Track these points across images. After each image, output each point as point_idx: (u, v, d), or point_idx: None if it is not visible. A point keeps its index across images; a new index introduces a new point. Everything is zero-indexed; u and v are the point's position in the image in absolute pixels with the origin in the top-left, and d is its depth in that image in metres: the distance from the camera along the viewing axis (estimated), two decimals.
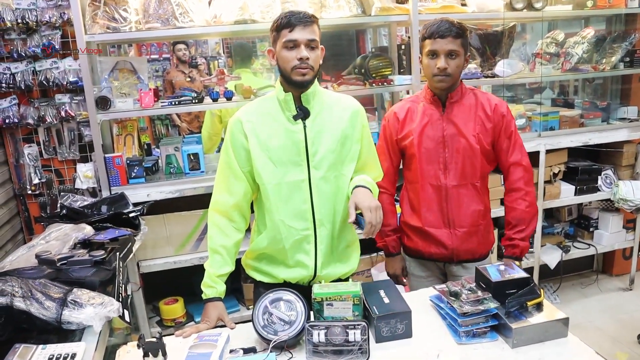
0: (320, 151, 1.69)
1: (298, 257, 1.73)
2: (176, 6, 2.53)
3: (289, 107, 1.67)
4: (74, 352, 1.36)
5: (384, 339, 1.46)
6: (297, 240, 1.71)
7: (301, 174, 1.68)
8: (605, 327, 3.15)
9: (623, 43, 3.32)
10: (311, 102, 1.69)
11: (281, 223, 1.70)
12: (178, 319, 2.75)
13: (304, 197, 1.69)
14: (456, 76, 1.90)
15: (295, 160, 1.68)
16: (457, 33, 1.85)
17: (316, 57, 1.64)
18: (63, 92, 2.77)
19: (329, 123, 1.71)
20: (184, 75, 4.70)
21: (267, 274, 1.80)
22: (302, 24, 1.59)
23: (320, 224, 1.71)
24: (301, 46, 1.60)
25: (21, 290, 1.47)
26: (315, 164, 1.69)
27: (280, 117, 1.69)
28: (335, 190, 1.72)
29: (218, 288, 1.73)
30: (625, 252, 3.72)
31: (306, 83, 1.63)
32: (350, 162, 1.75)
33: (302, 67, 1.60)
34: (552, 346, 1.42)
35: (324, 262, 1.74)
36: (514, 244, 1.98)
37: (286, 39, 1.60)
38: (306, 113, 1.68)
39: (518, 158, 1.98)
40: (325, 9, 2.73)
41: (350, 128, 1.73)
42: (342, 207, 1.75)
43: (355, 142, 1.74)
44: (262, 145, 1.68)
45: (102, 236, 1.93)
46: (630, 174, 3.43)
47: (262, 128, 1.69)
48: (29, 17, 2.61)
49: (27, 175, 2.82)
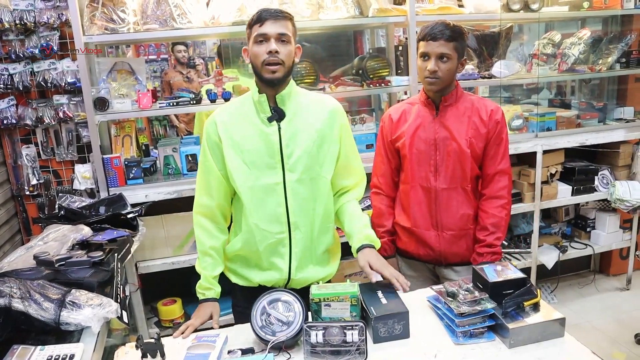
0: (295, 153, 1.66)
1: (272, 260, 1.72)
2: (174, 7, 2.53)
3: (264, 109, 1.65)
4: (72, 353, 1.37)
5: (382, 340, 1.47)
6: (271, 243, 1.69)
7: (275, 177, 1.66)
8: (602, 327, 3.16)
9: (619, 44, 3.34)
10: (287, 103, 1.66)
11: (255, 226, 1.68)
12: (176, 319, 2.75)
13: (278, 200, 1.67)
14: (447, 79, 1.88)
15: (270, 163, 1.66)
16: (450, 36, 1.83)
17: (288, 52, 1.60)
18: (61, 93, 2.77)
19: (305, 124, 1.68)
20: (182, 75, 4.70)
21: (242, 277, 1.79)
22: (273, 18, 1.57)
23: (295, 227, 1.69)
24: (271, 40, 1.57)
25: (19, 291, 1.47)
26: (290, 167, 1.66)
27: (254, 118, 1.67)
28: (312, 193, 1.70)
29: (215, 289, 1.77)
30: (622, 252, 3.73)
31: (276, 81, 1.60)
32: (330, 164, 1.72)
33: (271, 62, 1.57)
34: (549, 346, 1.42)
35: (299, 265, 1.73)
36: (495, 251, 1.96)
37: (257, 33, 1.58)
38: (281, 114, 1.65)
39: (506, 166, 1.97)
40: (323, 10, 2.74)
41: (328, 128, 1.70)
42: (322, 210, 1.73)
43: (334, 143, 1.72)
44: (235, 147, 1.66)
45: (101, 237, 1.93)
46: (627, 174, 3.45)
47: (237, 130, 1.67)
48: (27, 18, 2.61)
49: (25, 176, 2.82)
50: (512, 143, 3.07)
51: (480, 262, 1.95)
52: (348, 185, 1.81)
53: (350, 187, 1.82)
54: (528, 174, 3.16)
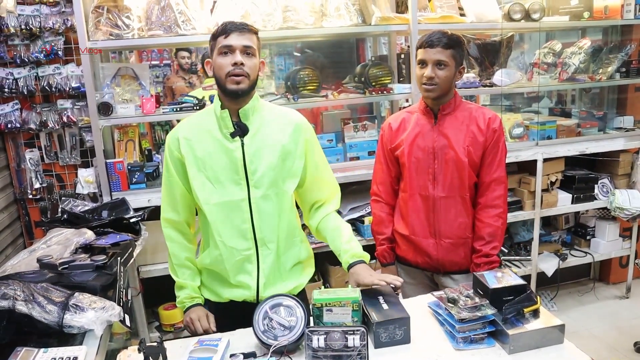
0: (259, 169, 1.63)
1: (239, 278, 1.70)
2: (178, 14, 2.56)
3: (226, 124, 1.62)
4: (75, 356, 1.37)
5: (383, 345, 1.48)
6: (238, 260, 1.67)
7: (240, 193, 1.63)
8: (602, 335, 3.17)
9: (619, 53, 3.37)
10: (250, 117, 1.63)
11: (221, 244, 1.66)
12: (177, 324, 2.76)
13: (243, 216, 1.64)
14: (444, 87, 1.89)
15: (234, 179, 1.63)
16: (447, 44, 1.84)
17: (253, 65, 1.59)
18: (65, 97, 2.79)
19: (269, 139, 1.65)
20: (184, 81, 4.73)
21: (213, 292, 1.78)
22: (239, 30, 1.56)
23: (262, 243, 1.67)
24: (236, 51, 1.55)
25: (23, 293, 1.47)
26: (255, 183, 1.63)
27: (217, 133, 1.63)
28: (277, 208, 1.67)
29: (202, 296, 1.79)
30: (622, 260, 3.73)
31: (241, 92, 1.57)
32: (292, 178, 1.69)
33: (236, 74, 1.55)
34: (549, 352, 1.43)
35: (267, 282, 1.70)
36: (492, 260, 1.96)
37: (221, 45, 1.57)
38: (244, 130, 1.62)
39: (501, 175, 1.97)
40: (326, 17, 2.77)
41: (292, 143, 1.67)
42: (285, 225, 1.70)
43: (298, 158, 1.69)
44: (199, 164, 1.64)
45: (104, 241, 1.94)
46: (627, 182, 3.46)
47: (199, 145, 1.64)
48: (32, 24, 2.63)
49: (28, 179, 2.83)
50: (513, 151, 3.09)
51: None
52: (321, 198, 1.79)
53: (324, 199, 1.79)
54: (528, 182, 3.18)
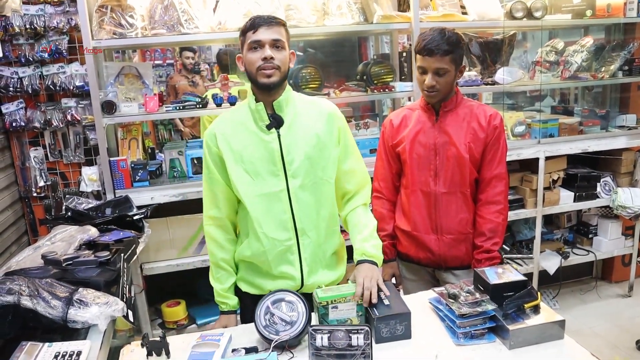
0: (296, 159, 1.65)
1: (282, 269, 1.71)
2: (182, 13, 2.57)
3: (262, 117, 1.64)
4: (80, 350, 1.38)
5: (384, 340, 1.49)
6: (280, 251, 1.69)
7: (279, 184, 1.65)
8: (604, 334, 3.17)
9: (622, 52, 3.36)
10: (284, 109, 1.65)
11: (263, 235, 1.67)
12: (180, 321, 2.78)
13: (283, 207, 1.66)
14: (446, 91, 1.90)
15: (272, 171, 1.65)
16: (446, 50, 1.82)
17: (283, 58, 1.60)
18: (69, 96, 2.81)
19: (304, 129, 1.67)
20: (187, 80, 4.74)
21: (254, 285, 1.78)
22: (266, 24, 1.57)
23: (303, 233, 1.69)
24: (265, 46, 1.57)
25: (28, 289, 1.49)
26: (293, 173, 1.65)
27: (253, 126, 1.66)
28: (316, 198, 1.69)
29: (230, 302, 1.78)
30: (624, 259, 3.73)
31: (272, 85, 1.59)
32: (332, 167, 1.71)
33: (266, 68, 1.57)
34: (549, 348, 1.44)
35: (310, 270, 1.72)
36: (493, 256, 1.96)
37: (251, 40, 1.58)
38: (279, 121, 1.65)
39: (502, 171, 1.98)
40: (328, 16, 2.78)
41: (327, 132, 1.69)
42: (327, 213, 1.72)
43: (333, 147, 1.71)
44: (236, 157, 1.66)
45: (107, 237, 1.96)
46: (629, 181, 3.46)
47: (236, 139, 1.66)
48: (37, 23, 2.66)
49: (32, 178, 2.85)
50: (515, 149, 3.09)
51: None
52: (351, 189, 1.79)
53: (353, 192, 1.80)
54: (530, 180, 3.18)
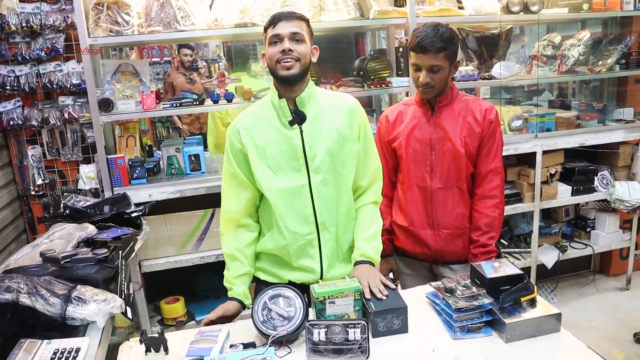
0: (318, 155, 1.67)
1: (302, 262, 1.73)
2: (178, 10, 2.57)
3: (284, 113, 1.66)
4: (78, 347, 1.40)
5: (380, 334, 1.49)
6: (301, 245, 1.71)
7: (301, 179, 1.67)
8: (602, 327, 3.18)
9: (619, 45, 3.35)
10: (307, 105, 1.67)
11: (285, 229, 1.69)
12: (179, 318, 2.78)
13: (305, 202, 1.68)
14: (441, 87, 1.91)
15: (294, 166, 1.67)
16: (440, 47, 1.82)
17: (304, 50, 1.61)
18: (66, 94, 2.81)
19: (326, 125, 1.69)
20: (185, 77, 4.74)
21: (273, 275, 1.79)
22: (286, 19, 1.60)
23: (323, 227, 1.71)
24: (284, 39, 1.59)
25: (26, 287, 1.50)
26: (315, 169, 1.67)
27: (276, 122, 1.68)
28: (336, 193, 1.71)
29: (234, 289, 1.73)
30: (622, 252, 3.74)
31: (292, 78, 1.61)
32: (351, 163, 1.73)
33: (285, 60, 1.58)
34: (545, 341, 1.44)
35: (329, 264, 1.74)
36: (489, 250, 1.97)
37: (271, 35, 1.61)
38: (302, 117, 1.67)
39: (498, 166, 1.98)
40: (324, 12, 2.77)
41: (348, 128, 1.71)
42: (345, 209, 1.74)
43: (354, 142, 1.73)
44: (259, 152, 1.68)
45: (105, 235, 1.97)
46: (627, 174, 3.46)
47: (259, 134, 1.68)
48: (33, 21, 2.65)
49: (30, 176, 2.86)
50: (512, 143, 3.10)
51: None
52: (363, 185, 1.80)
53: (365, 187, 1.81)
54: (528, 174, 3.18)
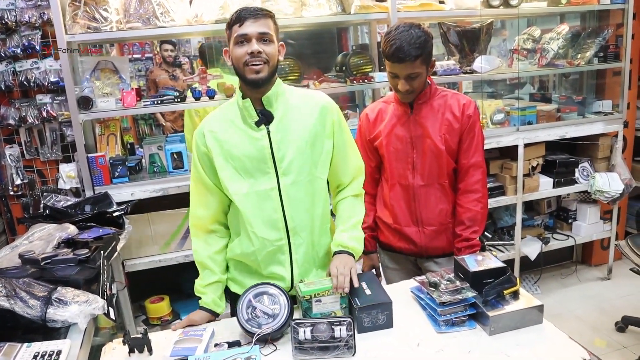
0: (287, 156, 1.60)
1: (272, 269, 1.66)
2: (157, 6, 2.53)
3: (250, 113, 1.59)
4: (60, 349, 1.37)
5: (366, 330, 1.50)
6: (270, 251, 1.64)
7: (269, 182, 1.60)
8: (584, 316, 3.23)
9: (597, 38, 3.40)
10: (274, 104, 1.60)
11: (253, 235, 1.62)
12: (164, 317, 2.76)
13: (274, 206, 1.61)
14: (419, 90, 1.90)
15: (262, 169, 1.60)
16: (416, 55, 1.79)
17: (271, 51, 1.54)
18: (44, 92, 2.76)
19: (296, 124, 1.61)
20: (168, 74, 4.69)
21: (242, 285, 1.71)
22: (253, 17, 1.51)
23: (294, 232, 1.64)
24: (252, 40, 1.51)
25: (5, 289, 1.47)
26: (284, 171, 1.60)
27: (241, 124, 1.61)
28: (309, 195, 1.64)
29: (204, 298, 1.69)
30: (603, 243, 3.81)
31: (261, 81, 1.54)
32: (324, 163, 1.67)
33: (254, 63, 1.51)
34: (528, 332, 1.46)
35: (301, 272, 1.68)
36: (473, 244, 1.97)
37: (237, 34, 1.52)
38: (269, 117, 1.59)
39: (479, 160, 1.98)
40: (306, 7, 2.76)
41: (320, 126, 1.64)
42: (320, 211, 1.68)
43: (327, 139, 1.66)
44: (226, 155, 1.61)
45: (86, 235, 1.94)
46: (606, 166, 3.52)
47: (225, 137, 1.61)
48: (7, 18, 2.60)
49: (8, 176, 2.80)
50: (494, 137, 3.12)
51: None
52: (345, 181, 1.76)
53: (347, 183, 1.77)
54: (510, 167, 3.22)
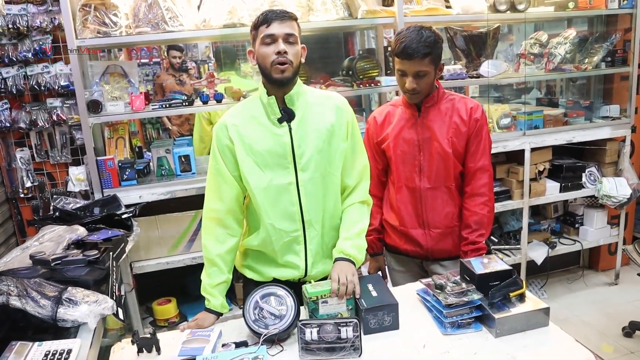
0: (307, 153, 1.67)
1: (288, 258, 1.73)
2: (166, 10, 2.56)
3: (273, 110, 1.66)
4: (70, 349, 1.39)
5: (372, 331, 1.51)
6: (286, 242, 1.71)
7: (289, 177, 1.67)
8: (591, 322, 3.22)
9: (604, 43, 3.40)
10: (295, 103, 1.68)
11: (270, 226, 1.69)
12: (171, 319, 2.78)
13: (292, 199, 1.68)
14: (426, 91, 1.91)
15: (282, 163, 1.67)
16: (425, 53, 1.81)
17: (296, 52, 1.62)
18: (54, 96, 2.79)
19: (315, 123, 1.69)
20: (174, 78, 4.72)
21: (258, 272, 1.80)
22: (279, 19, 1.59)
23: (309, 225, 1.71)
24: (279, 40, 1.58)
25: (17, 289, 1.50)
26: (303, 166, 1.67)
27: (264, 120, 1.68)
28: (323, 191, 1.71)
29: (212, 301, 1.70)
30: (610, 248, 3.79)
31: (286, 80, 1.61)
32: (339, 161, 1.73)
33: (280, 62, 1.58)
34: (534, 335, 1.47)
35: (314, 261, 1.75)
36: (479, 247, 1.97)
37: (264, 35, 1.59)
38: (291, 115, 1.67)
39: (485, 163, 1.99)
40: (313, 12, 2.78)
41: (337, 125, 1.72)
42: (331, 207, 1.75)
43: (342, 140, 1.73)
44: (247, 149, 1.67)
45: (96, 237, 1.96)
46: (614, 170, 3.51)
47: (247, 132, 1.68)
48: (19, 23, 2.63)
49: (19, 179, 2.83)
50: (501, 141, 3.13)
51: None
52: (350, 185, 1.80)
53: (352, 187, 1.81)
54: (516, 172, 3.22)
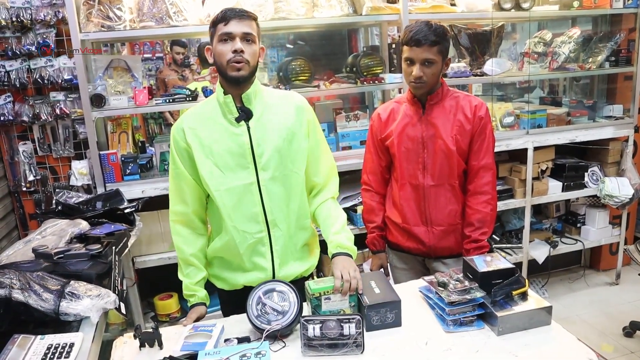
0: (266, 152, 1.65)
1: (254, 260, 1.71)
2: (170, 5, 2.56)
3: (230, 110, 1.63)
4: (72, 342, 1.39)
5: (374, 328, 1.51)
6: (251, 244, 1.69)
7: (249, 177, 1.65)
8: (592, 321, 3.22)
9: (608, 42, 3.39)
10: (253, 102, 1.65)
11: (233, 229, 1.67)
12: (173, 314, 2.79)
13: (254, 200, 1.66)
14: (432, 83, 1.91)
15: (242, 164, 1.64)
16: (433, 41, 1.83)
17: (253, 52, 1.60)
18: (58, 89, 2.79)
19: (274, 122, 1.67)
20: (177, 74, 4.72)
21: (226, 281, 1.78)
22: (238, 17, 1.57)
23: (274, 225, 1.69)
24: (236, 39, 1.56)
25: (19, 282, 1.50)
26: (263, 166, 1.65)
27: (221, 120, 1.65)
28: (286, 190, 1.70)
29: (198, 294, 1.75)
30: (611, 248, 3.79)
31: (242, 79, 1.59)
32: (301, 160, 1.71)
33: (236, 61, 1.56)
34: (536, 333, 1.47)
35: (281, 262, 1.72)
36: (481, 245, 1.98)
37: (221, 32, 1.57)
38: (249, 114, 1.64)
39: (489, 162, 1.99)
40: (317, 8, 2.77)
41: (297, 124, 1.70)
42: (296, 206, 1.73)
43: (303, 139, 1.71)
44: (207, 151, 1.65)
45: (98, 231, 1.96)
46: (616, 170, 3.50)
47: (205, 133, 1.65)
48: (23, 16, 2.63)
49: (21, 172, 2.84)
50: (504, 140, 3.12)
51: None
52: (319, 182, 1.79)
53: (321, 185, 1.80)
54: (519, 170, 3.21)
